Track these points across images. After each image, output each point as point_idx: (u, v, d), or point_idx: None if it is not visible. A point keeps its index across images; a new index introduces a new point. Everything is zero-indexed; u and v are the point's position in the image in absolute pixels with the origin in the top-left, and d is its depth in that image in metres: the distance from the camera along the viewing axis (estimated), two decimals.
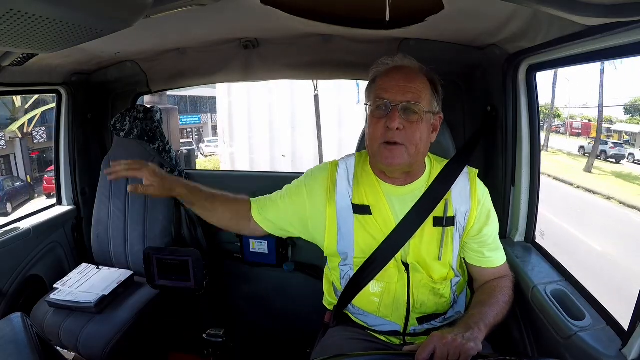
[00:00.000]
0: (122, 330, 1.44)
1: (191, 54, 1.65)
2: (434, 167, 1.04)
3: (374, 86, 0.97)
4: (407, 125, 0.92)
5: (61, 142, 1.86)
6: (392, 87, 0.93)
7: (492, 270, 1.07)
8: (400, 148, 0.92)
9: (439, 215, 1.00)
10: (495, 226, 1.07)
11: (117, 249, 1.79)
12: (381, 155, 0.94)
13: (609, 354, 0.83)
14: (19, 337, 0.81)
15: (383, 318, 1.04)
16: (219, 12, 1.11)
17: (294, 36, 1.47)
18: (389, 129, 0.91)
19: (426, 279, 1.01)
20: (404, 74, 0.95)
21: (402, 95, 0.92)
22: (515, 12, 0.98)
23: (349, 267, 1.04)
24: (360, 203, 1.00)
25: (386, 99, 0.92)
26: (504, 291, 1.01)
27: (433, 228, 1.00)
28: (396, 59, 0.98)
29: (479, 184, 1.05)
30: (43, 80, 1.64)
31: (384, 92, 0.93)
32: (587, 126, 18.57)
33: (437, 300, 1.04)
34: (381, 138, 0.93)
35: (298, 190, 1.09)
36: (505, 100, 1.29)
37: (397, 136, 0.91)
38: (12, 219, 1.75)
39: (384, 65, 0.99)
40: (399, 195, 1.01)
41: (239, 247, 1.86)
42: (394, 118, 0.91)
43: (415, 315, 1.03)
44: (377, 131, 0.94)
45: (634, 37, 0.77)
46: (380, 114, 0.93)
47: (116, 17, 0.69)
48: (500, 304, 0.97)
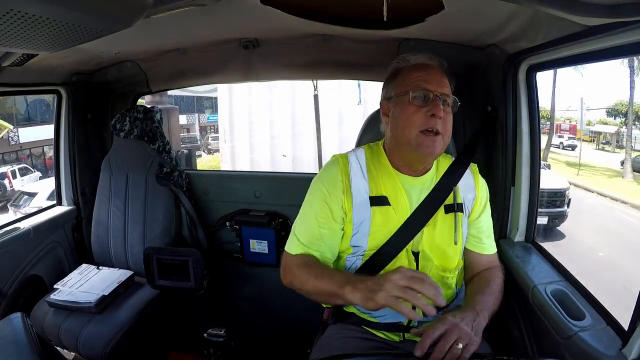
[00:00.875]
0: (122, 330, 1.44)
1: (191, 54, 1.65)
2: (439, 161, 1.09)
3: (405, 77, 1.00)
4: (445, 116, 0.97)
5: (61, 142, 1.86)
6: (432, 80, 0.97)
7: (487, 258, 1.11)
8: (439, 137, 0.96)
9: (450, 202, 1.05)
10: (490, 215, 1.14)
11: (117, 249, 1.79)
12: (420, 144, 0.96)
13: (609, 354, 0.83)
14: (19, 337, 0.81)
15: (388, 309, 1.04)
16: (219, 12, 1.11)
17: (294, 36, 1.47)
18: (432, 117, 0.94)
19: (435, 268, 1.03)
20: (438, 70, 1.01)
21: (441, 88, 0.97)
22: (515, 12, 0.98)
23: (357, 258, 1.05)
24: (377, 194, 1.02)
25: (429, 89, 0.96)
26: (497, 281, 1.05)
27: (445, 215, 1.04)
28: (420, 57, 1.03)
29: (479, 176, 1.13)
30: (43, 80, 1.65)
31: (425, 82, 0.97)
32: (573, 127, 20.63)
33: (444, 292, 1.04)
34: (422, 125, 0.95)
35: (322, 209, 1.04)
36: (505, 100, 1.29)
37: (438, 124, 0.95)
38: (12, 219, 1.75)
39: (406, 61, 1.03)
40: (414, 186, 1.05)
41: (239, 247, 1.86)
42: (439, 106, 0.95)
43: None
44: (417, 119, 0.95)
45: (634, 37, 0.77)
46: (421, 103, 0.96)
47: (116, 17, 0.69)
48: (496, 294, 1.01)
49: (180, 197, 1.79)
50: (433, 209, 1.02)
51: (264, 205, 1.85)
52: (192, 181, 1.91)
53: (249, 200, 1.86)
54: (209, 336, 1.37)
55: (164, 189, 1.77)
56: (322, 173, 1.08)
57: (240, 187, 1.88)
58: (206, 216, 1.91)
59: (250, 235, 1.83)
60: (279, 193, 1.82)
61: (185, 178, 1.87)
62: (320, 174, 1.08)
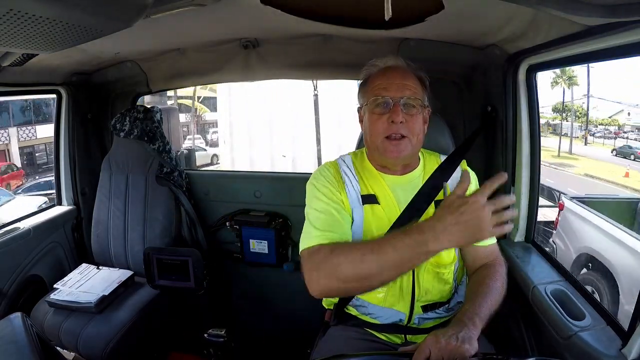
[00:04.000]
0: (122, 330, 1.44)
1: (191, 54, 1.65)
2: (426, 159, 1.12)
3: (369, 86, 1.03)
4: (408, 118, 0.98)
5: (61, 142, 1.86)
6: (390, 85, 0.99)
7: (483, 250, 1.07)
8: (404, 141, 0.99)
9: (440, 198, 1.03)
10: None
11: (117, 249, 1.79)
12: (386, 149, 0.99)
13: (609, 354, 0.83)
14: (19, 337, 0.81)
15: (389, 308, 1.04)
16: (219, 12, 1.11)
17: (294, 36, 1.47)
18: (392, 123, 0.97)
19: (430, 264, 1.03)
20: (400, 72, 1.01)
21: (401, 92, 0.98)
22: (515, 12, 0.98)
23: None
24: (367, 193, 1.04)
25: (387, 96, 0.98)
26: (496, 277, 1.01)
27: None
28: (386, 60, 1.05)
29: (468, 169, 1.09)
30: (43, 80, 1.65)
31: (383, 90, 0.99)
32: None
33: (441, 287, 1.05)
34: (384, 132, 0.98)
35: (332, 197, 1.00)
36: (505, 100, 1.29)
37: (401, 129, 0.98)
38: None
39: (374, 67, 1.05)
40: (400, 184, 1.05)
41: (239, 247, 1.86)
42: (397, 112, 0.97)
43: (420, 304, 1.04)
44: (379, 126, 0.99)
45: (634, 37, 0.77)
46: (382, 111, 0.99)
47: (116, 17, 0.69)
48: (494, 291, 0.96)
49: (180, 197, 1.79)
50: (423, 205, 1.03)
51: (264, 205, 1.85)
52: (192, 181, 1.91)
53: (249, 200, 1.86)
54: (209, 336, 1.37)
55: (164, 189, 1.77)
56: (317, 174, 1.06)
57: (240, 187, 1.88)
58: (206, 216, 1.91)
59: (250, 235, 1.83)
60: (279, 193, 1.83)
61: (185, 178, 1.87)
62: (315, 175, 1.07)
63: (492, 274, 1.03)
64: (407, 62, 1.04)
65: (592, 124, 19.45)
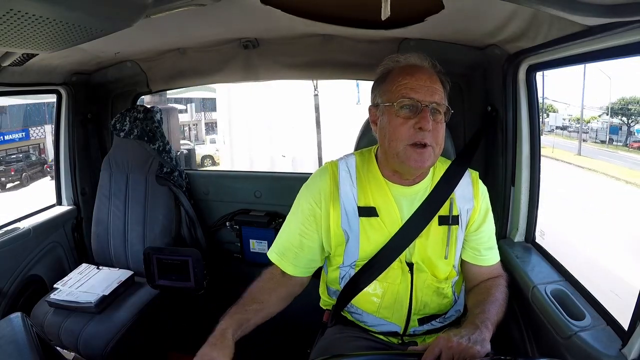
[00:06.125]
0: (122, 330, 1.44)
1: (191, 54, 1.65)
2: (436, 167, 1.04)
3: (391, 84, 0.93)
4: (434, 125, 0.90)
5: (61, 142, 1.86)
6: (420, 87, 0.90)
7: (487, 269, 1.07)
8: (429, 150, 0.91)
9: (445, 214, 1.00)
10: (492, 225, 1.08)
11: (117, 249, 1.79)
12: (409, 157, 0.91)
13: (609, 353, 0.83)
14: (19, 337, 0.81)
15: (383, 319, 1.04)
16: (219, 12, 1.11)
17: (294, 36, 1.47)
18: (420, 130, 0.89)
19: (430, 279, 1.01)
20: (428, 74, 0.93)
21: (430, 96, 0.90)
22: (515, 12, 0.97)
23: (350, 268, 1.04)
24: (365, 205, 0.98)
25: (416, 99, 0.89)
26: (500, 289, 1.01)
27: (438, 227, 1.00)
28: (409, 57, 0.96)
29: (480, 184, 1.06)
30: (43, 80, 1.64)
31: (411, 91, 0.90)
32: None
33: (440, 301, 1.04)
34: (409, 139, 0.90)
35: (307, 218, 1.02)
36: (505, 100, 1.29)
37: (427, 137, 0.89)
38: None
39: (395, 62, 0.97)
40: (406, 195, 1.00)
41: (239, 247, 1.86)
42: (427, 119, 0.88)
43: (417, 317, 1.03)
44: (404, 132, 0.90)
45: (634, 37, 0.77)
46: (408, 114, 0.90)
47: (116, 17, 0.69)
48: (500, 301, 0.97)
49: (180, 197, 1.79)
50: (426, 220, 0.98)
51: (264, 205, 1.85)
52: (192, 181, 1.91)
53: (249, 200, 1.86)
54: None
55: (164, 189, 1.76)
56: (311, 181, 1.05)
57: (240, 187, 1.88)
58: (206, 216, 1.91)
59: (250, 235, 1.83)
60: (279, 193, 1.82)
61: (185, 178, 1.87)
62: (309, 182, 1.06)
63: (497, 285, 1.03)
64: (433, 63, 0.95)
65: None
